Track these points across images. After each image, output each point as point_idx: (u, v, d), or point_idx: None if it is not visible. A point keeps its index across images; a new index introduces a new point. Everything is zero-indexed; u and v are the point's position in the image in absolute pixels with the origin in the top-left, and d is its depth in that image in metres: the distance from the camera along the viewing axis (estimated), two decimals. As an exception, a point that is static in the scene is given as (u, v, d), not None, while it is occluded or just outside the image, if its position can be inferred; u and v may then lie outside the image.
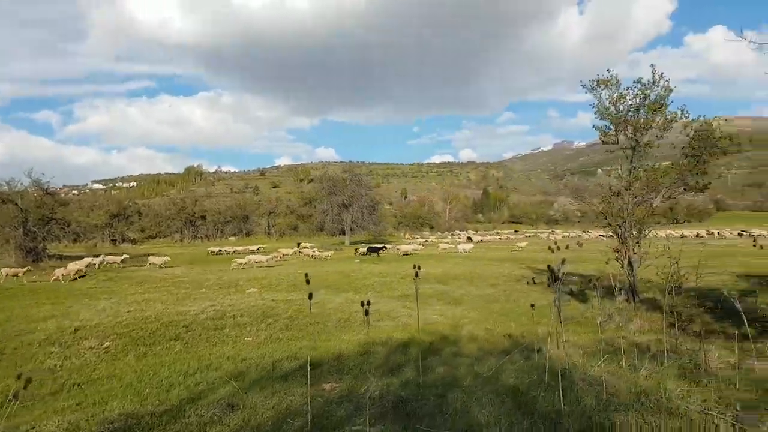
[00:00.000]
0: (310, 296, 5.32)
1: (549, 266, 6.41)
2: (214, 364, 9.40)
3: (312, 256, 45.41)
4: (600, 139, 13.54)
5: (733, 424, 4.40)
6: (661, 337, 10.76)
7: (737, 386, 5.48)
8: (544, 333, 11.58)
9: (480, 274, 27.28)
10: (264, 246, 62.44)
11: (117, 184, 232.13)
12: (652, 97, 12.78)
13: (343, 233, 72.29)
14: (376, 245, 50.05)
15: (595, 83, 13.23)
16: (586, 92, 13.29)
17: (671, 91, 12.47)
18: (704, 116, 12.71)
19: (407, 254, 46.04)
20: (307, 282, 5.30)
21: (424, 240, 73.43)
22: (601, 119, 13.42)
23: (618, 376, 6.27)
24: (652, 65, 12.52)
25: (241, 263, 34.90)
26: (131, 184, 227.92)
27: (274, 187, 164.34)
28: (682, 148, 13.01)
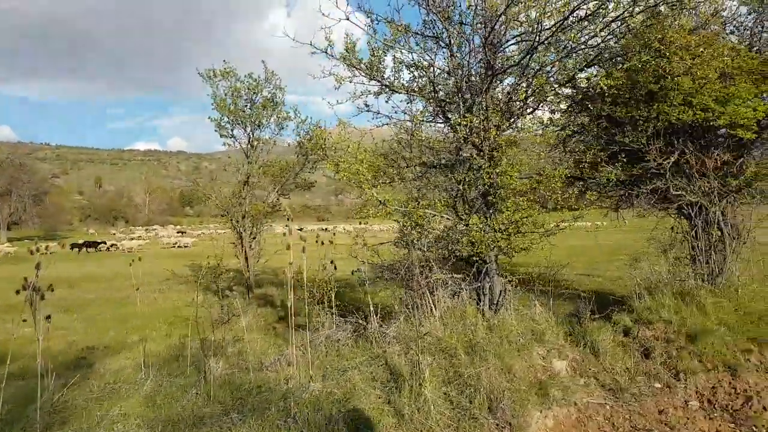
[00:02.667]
0: None
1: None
2: None
3: None
4: (216, 131, 13.15)
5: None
6: (257, 335, 10.82)
7: (211, 396, 5.12)
8: (137, 340, 10.49)
9: (138, 272, 24.80)
10: None
11: None
12: (265, 93, 12.98)
13: (9, 228, 58.65)
14: (93, 241, 43.39)
15: (212, 73, 12.73)
16: (203, 81, 12.73)
17: (282, 89, 12.91)
18: (310, 117, 13.52)
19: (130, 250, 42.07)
20: None
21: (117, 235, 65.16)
22: (218, 111, 12.96)
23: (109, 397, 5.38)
24: (263, 61, 12.74)
25: None
26: None
27: None
28: (296, 147, 13.64)
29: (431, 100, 7.55)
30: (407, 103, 7.87)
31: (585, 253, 23.96)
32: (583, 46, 6.19)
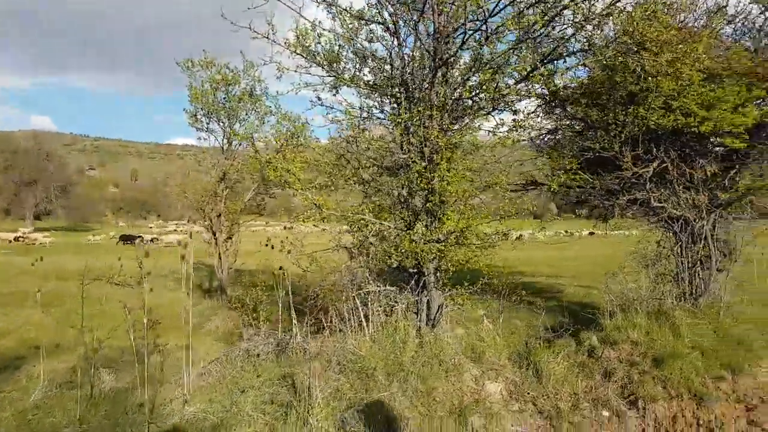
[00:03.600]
0: None
1: None
2: None
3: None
4: (188, 123, 12.79)
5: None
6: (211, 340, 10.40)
7: (79, 414, 4.69)
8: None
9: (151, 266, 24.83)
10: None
11: None
12: (243, 85, 12.55)
13: (38, 218, 60.31)
14: (130, 234, 44.68)
15: (190, 63, 12.35)
16: (182, 71, 12.36)
17: (261, 81, 12.46)
18: (291, 111, 12.94)
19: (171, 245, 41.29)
20: None
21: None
22: (191, 103, 12.56)
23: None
24: (241, 52, 12.24)
25: None
26: None
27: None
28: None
29: (386, 96, 6.99)
30: (364, 98, 7.34)
31: (604, 263, 22.67)
32: (527, 37, 5.52)
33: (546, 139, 8.74)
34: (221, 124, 12.67)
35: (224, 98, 12.53)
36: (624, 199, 7.69)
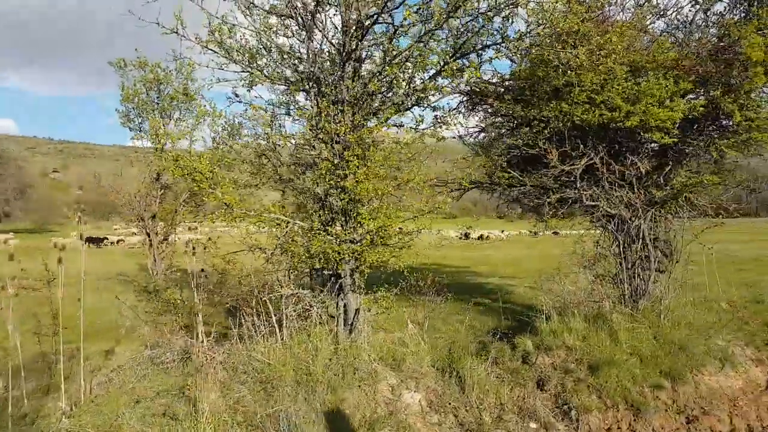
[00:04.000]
0: None
1: None
2: None
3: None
4: (120, 123, 12.28)
5: None
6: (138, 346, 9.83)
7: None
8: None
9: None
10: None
11: None
12: (175, 84, 12.11)
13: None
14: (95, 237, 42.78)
15: (123, 62, 11.86)
16: (115, 71, 11.88)
17: (195, 80, 12.03)
18: (225, 110, 12.55)
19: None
20: None
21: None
22: (122, 102, 12.07)
23: None
24: (173, 50, 11.74)
25: None
26: None
27: None
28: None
29: (300, 92, 6.67)
30: (282, 95, 7.01)
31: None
32: (435, 29, 5.28)
33: (479, 137, 8.54)
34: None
35: (157, 98, 12.06)
36: (554, 198, 7.49)
